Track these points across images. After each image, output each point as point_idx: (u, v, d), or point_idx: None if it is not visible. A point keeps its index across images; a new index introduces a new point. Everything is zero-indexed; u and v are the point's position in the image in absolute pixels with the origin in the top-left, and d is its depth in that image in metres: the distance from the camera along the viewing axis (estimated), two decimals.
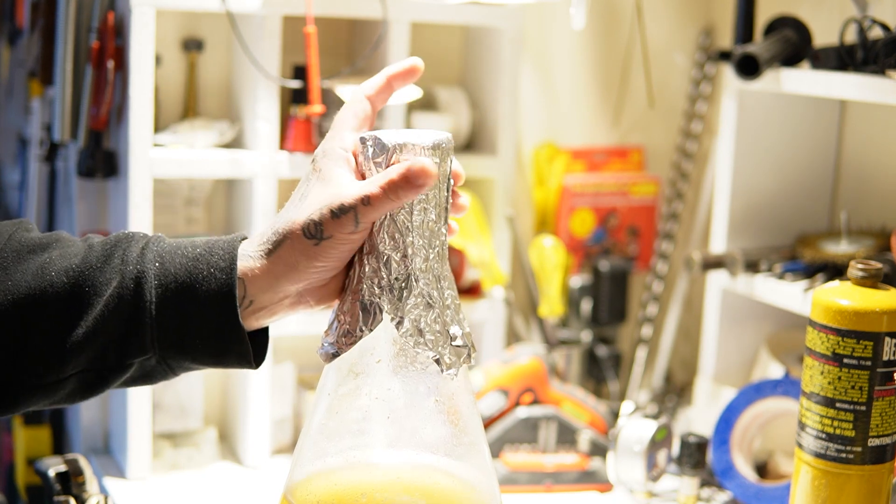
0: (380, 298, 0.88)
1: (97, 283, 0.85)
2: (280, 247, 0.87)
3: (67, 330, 0.84)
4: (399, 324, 0.88)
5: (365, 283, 0.88)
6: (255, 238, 0.89)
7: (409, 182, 0.85)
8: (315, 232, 0.86)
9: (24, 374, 0.85)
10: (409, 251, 0.88)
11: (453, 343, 0.89)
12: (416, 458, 0.94)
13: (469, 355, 0.90)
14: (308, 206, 0.87)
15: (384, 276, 0.88)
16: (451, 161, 0.90)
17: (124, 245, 0.87)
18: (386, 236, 0.88)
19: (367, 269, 0.89)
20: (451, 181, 0.91)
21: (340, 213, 0.86)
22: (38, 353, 0.84)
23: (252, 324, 0.89)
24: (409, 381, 0.90)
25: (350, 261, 0.90)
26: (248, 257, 0.87)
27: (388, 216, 0.88)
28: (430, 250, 0.89)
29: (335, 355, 0.90)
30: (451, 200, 0.91)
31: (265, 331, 0.92)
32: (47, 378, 0.85)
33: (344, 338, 0.89)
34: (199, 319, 0.86)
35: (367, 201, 0.85)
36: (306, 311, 0.91)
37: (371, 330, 0.89)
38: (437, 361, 0.88)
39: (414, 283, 0.88)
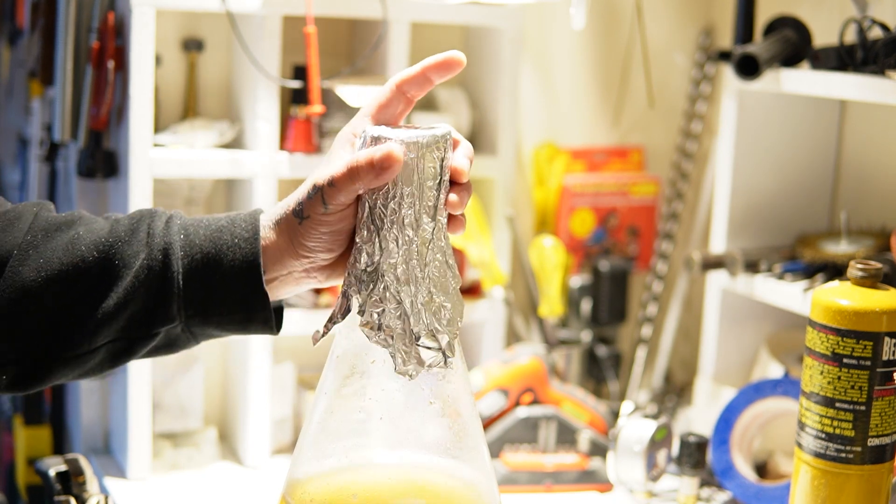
0: (350, 288, 0.89)
1: (125, 255, 0.88)
2: (280, 223, 0.90)
3: (98, 301, 0.88)
4: (361, 314, 0.88)
5: (347, 271, 0.89)
6: (270, 212, 0.92)
7: (371, 166, 0.85)
8: (300, 211, 0.89)
9: (57, 346, 0.88)
10: (381, 245, 0.88)
11: (417, 344, 0.88)
12: (415, 459, 0.94)
13: (443, 361, 0.89)
14: (303, 186, 0.90)
15: (357, 266, 0.89)
16: (444, 160, 0.89)
17: (148, 219, 0.91)
18: (363, 228, 0.88)
19: (350, 259, 0.89)
20: (445, 179, 0.90)
21: (313, 194, 0.88)
22: (71, 325, 0.88)
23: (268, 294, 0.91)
24: (407, 382, 0.90)
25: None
26: (263, 227, 0.90)
27: (367, 208, 0.88)
28: (408, 247, 0.88)
29: (320, 335, 0.91)
30: (443, 198, 0.90)
31: (279, 303, 0.94)
32: (80, 349, 0.88)
33: (328, 321, 0.91)
34: (225, 288, 0.89)
35: (331, 182, 0.87)
36: (316, 285, 0.93)
37: (342, 318, 0.89)
38: (392, 357, 0.88)
39: (380, 278, 0.88)
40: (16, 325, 0.87)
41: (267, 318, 0.91)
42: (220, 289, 0.89)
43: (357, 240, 0.89)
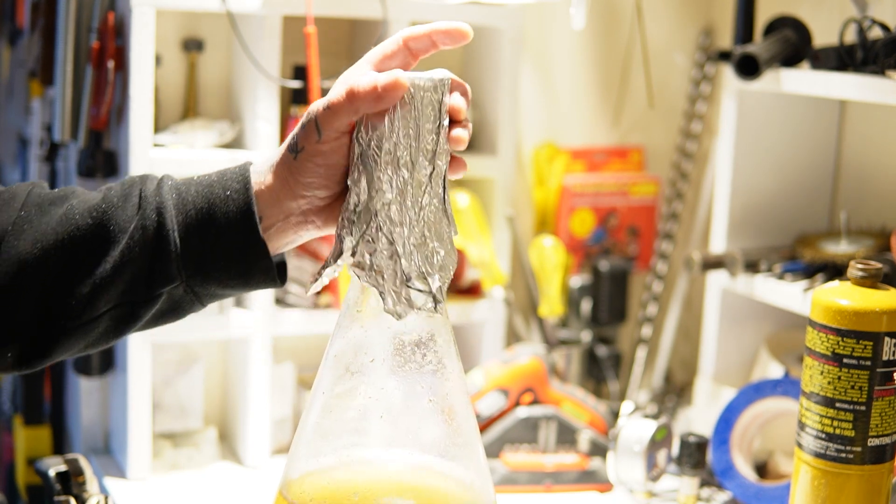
0: (343, 230, 0.89)
1: (119, 219, 0.89)
2: (275, 166, 0.90)
3: (95, 266, 0.88)
4: (353, 255, 0.88)
5: (341, 215, 0.89)
6: (264, 158, 0.92)
7: (374, 90, 0.85)
8: (294, 145, 0.89)
9: (59, 317, 0.88)
10: (375, 185, 0.87)
11: (408, 285, 0.88)
12: (410, 458, 0.94)
13: (433, 305, 0.89)
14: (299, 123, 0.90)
15: (350, 206, 0.88)
16: (443, 104, 0.89)
17: (140, 184, 0.91)
18: (356, 169, 0.88)
19: (344, 202, 0.89)
20: (444, 123, 0.89)
21: (306, 122, 0.88)
22: (71, 293, 0.88)
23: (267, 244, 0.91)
24: (404, 381, 0.90)
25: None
26: (256, 173, 0.90)
27: (361, 148, 0.88)
28: (402, 188, 0.88)
29: (313, 282, 0.91)
30: (441, 143, 0.90)
31: (281, 259, 0.94)
32: (82, 318, 0.89)
33: (321, 267, 0.91)
34: (222, 241, 0.89)
35: (328, 107, 0.87)
36: (315, 232, 0.92)
37: (335, 261, 0.89)
38: (382, 296, 0.88)
39: (372, 217, 0.88)
40: (16, 299, 0.88)
41: (268, 267, 0.90)
42: (216, 242, 0.89)
43: (349, 182, 0.88)
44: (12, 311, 0.88)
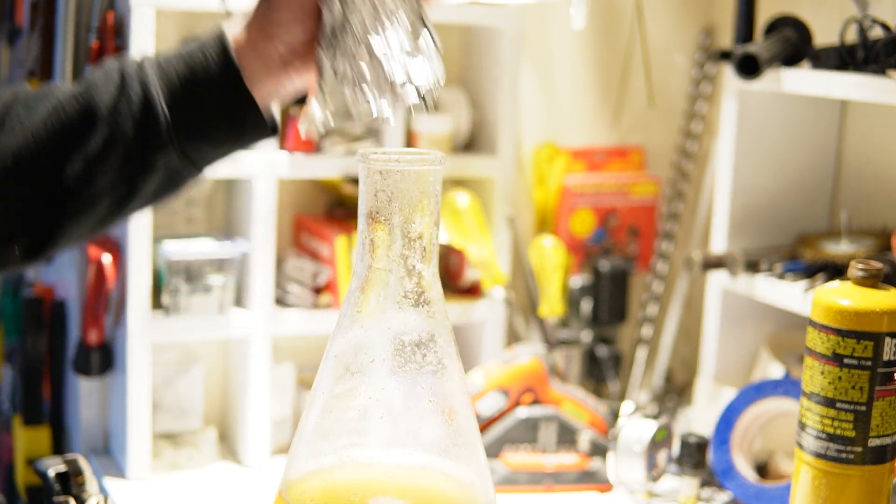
0: (322, 61, 0.90)
1: (104, 97, 0.90)
2: (248, 19, 0.92)
3: (85, 144, 0.89)
4: (335, 75, 0.89)
5: (319, 41, 0.90)
6: (236, 19, 0.93)
7: None
8: None
9: (58, 200, 0.90)
10: (345, 2, 0.89)
11: (394, 91, 0.89)
12: (410, 458, 0.94)
13: (424, 105, 0.89)
14: None
15: (326, 30, 0.89)
16: None
17: (120, 63, 0.93)
18: None
19: (320, 30, 0.90)
20: None
21: None
22: (64, 173, 0.90)
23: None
24: (404, 381, 0.90)
25: None
26: (231, 31, 0.92)
27: None
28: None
29: (302, 121, 0.92)
30: None
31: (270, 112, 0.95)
32: (81, 197, 0.90)
33: (306, 102, 0.92)
34: (208, 99, 0.90)
35: None
36: (297, 79, 0.93)
37: (321, 88, 0.90)
38: (370, 106, 0.89)
39: (347, 32, 0.88)
40: (14, 191, 0.90)
41: (258, 118, 0.92)
42: (203, 102, 0.90)
43: (323, 10, 0.89)
44: (12, 204, 0.90)
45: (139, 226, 1.44)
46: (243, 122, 0.92)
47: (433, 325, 0.92)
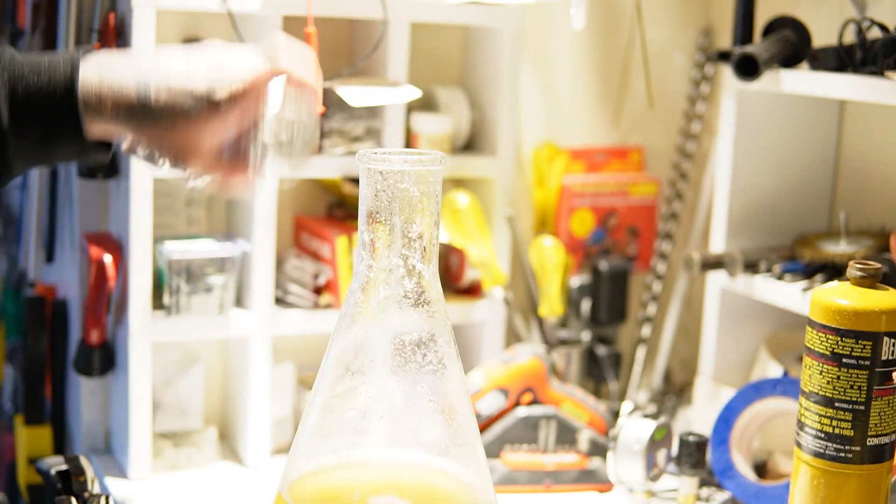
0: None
1: None
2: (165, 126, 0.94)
3: None
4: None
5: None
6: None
7: None
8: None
9: None
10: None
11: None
12: (410, 458, 0.95)
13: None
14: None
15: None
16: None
17: None
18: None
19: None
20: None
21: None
22: None
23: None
24: (404, 381, 0.90)
25: None
26: (90, 68, 0.92)
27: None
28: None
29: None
30: None
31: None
32: None
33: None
34: (44, 112, 0.90)
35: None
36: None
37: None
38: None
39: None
40: None
41: (89, 146, 0.93)
42: (40, 114, 0.90)
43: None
44: None
45: (140, 226, 1.45)
46: (72, 143, 0.93)
47: (433, 324, 0.93)
